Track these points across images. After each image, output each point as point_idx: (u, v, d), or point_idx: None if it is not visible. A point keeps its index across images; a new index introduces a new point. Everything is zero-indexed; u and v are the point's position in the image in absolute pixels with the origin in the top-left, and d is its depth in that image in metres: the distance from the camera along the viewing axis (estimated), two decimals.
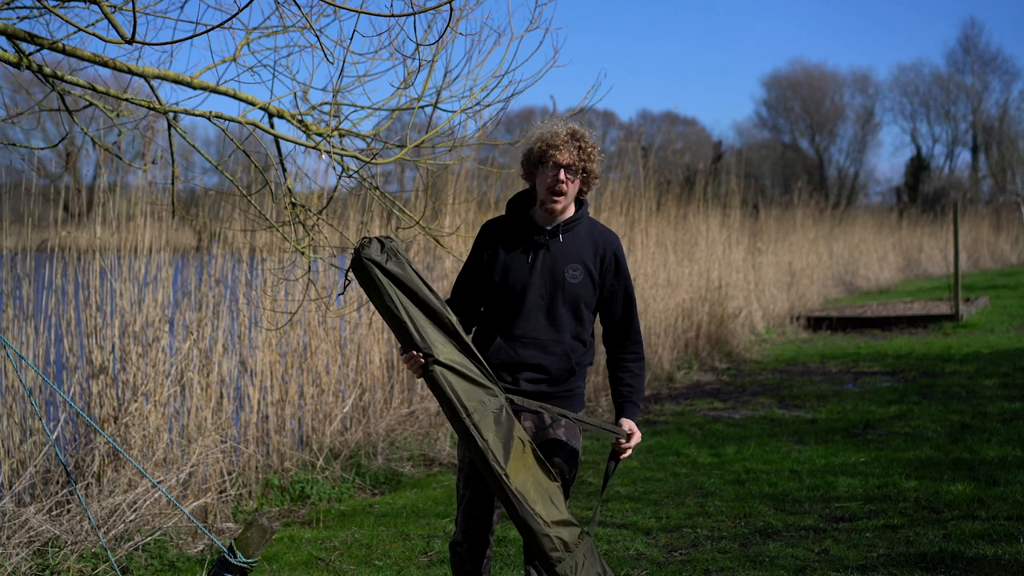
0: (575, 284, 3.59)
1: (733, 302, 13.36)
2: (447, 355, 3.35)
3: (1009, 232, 35.89)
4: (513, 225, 3.66)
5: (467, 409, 3.33)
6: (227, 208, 7.07)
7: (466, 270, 3.72)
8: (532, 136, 3.62)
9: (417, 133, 4.81)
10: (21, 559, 4.75)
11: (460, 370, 3.35)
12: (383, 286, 3.34)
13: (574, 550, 3.41)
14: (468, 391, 3.35)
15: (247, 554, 3.24)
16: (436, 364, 3.32)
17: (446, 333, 3.38)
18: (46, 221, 6.25)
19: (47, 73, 4.12)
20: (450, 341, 3.38)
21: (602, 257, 3.63)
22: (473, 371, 3.38)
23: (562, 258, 3.59)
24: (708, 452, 7.33)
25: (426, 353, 3.33)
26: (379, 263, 3.35)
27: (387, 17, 3.77)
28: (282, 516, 6.20)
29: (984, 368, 10.50)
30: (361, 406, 7.58)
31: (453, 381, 3.33)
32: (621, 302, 3.67)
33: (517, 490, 3.34)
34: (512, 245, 3.63)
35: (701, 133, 51.26)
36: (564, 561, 3.39)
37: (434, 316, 3.37)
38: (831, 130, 54.10)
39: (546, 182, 3.56)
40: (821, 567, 4.71)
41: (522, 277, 3.59)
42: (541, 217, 3.63)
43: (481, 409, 3.35)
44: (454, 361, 3.35)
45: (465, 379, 3.35)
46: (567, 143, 3.53)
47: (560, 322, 3.60)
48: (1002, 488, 5.84)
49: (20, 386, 5.53)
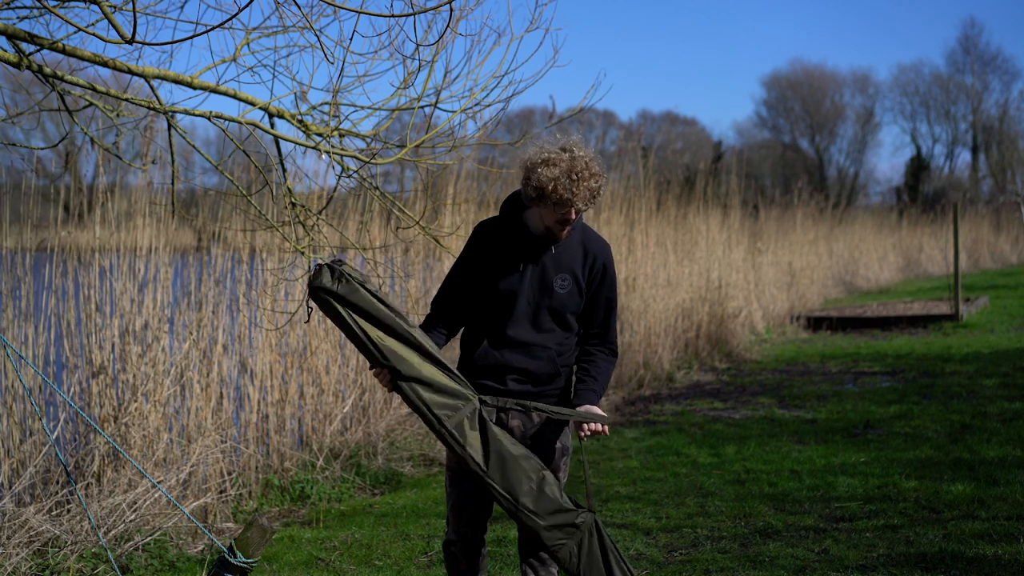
0: (563, 294, 3.61)
1: (733, 302, 13.36)
2: (409, 369, 3.41)
3: (1009, 232, 35.88)
4: (507, 229, 3.65)
5: (438, 419, 3.40)
6: (227, 208, 7.07)
7: (457, 269, 3.72)
8: (540, 162, 3.45)
9: (417, 133, 4.81)
10: (21, 559, 4.75)
11: (427, 380, 3.42)
12: (338, 310, 3.41)
13: (573, 534, 3.46)
14: (437, 401, 3.42)
15: (247, 554, 3.24)
16: (401, 380, 3.40)
17: (409, 346, 3.43)
18: (46, 221, 6.25)
19: (47, 73, 4.12)
20: (414, 352, 3.43)
21: (591, 267, 3.65)
22: (440, 380, 3.43)
23: (552, 268, 3.61)
24: (708, 452, 7.33)
25: (390, 368, 3.40)
26: (329, 290, 3.41)
27: (387, 17, 3.77)
28: (282, 516, 6.20)
29: (984, 368, 10.50)
30: (361, 406, 7.58)
31: (421, 392, 3.41)
32: (603, 308, 3.69)
33: (504, 490, 3.41)
34: (504, 251, 3.63)
35: (701, 133, 51.31)
36: (565, 546, 3.45)
37: (392, 332, 3.41)
38: (831, 130, 54.12)
39: (554, 217, 3.50)
40: (821, 567, 4.71)
41: (512, 284, 3.60)
42: (535, 225, 3.61)
43: (454, 416, 3.41)
44: (420, 374, 3.42)
45: (433, 389, 3.42)
46: (583, 188, 3.41)
47: (546, 328, 3.62)
48: (1002, 488, 5.84)
49: (20, 386, 5.52)
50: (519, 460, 3.44)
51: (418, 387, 3.40)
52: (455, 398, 3.43)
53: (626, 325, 10.52)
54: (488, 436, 3.42)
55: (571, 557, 3.46)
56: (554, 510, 3.43)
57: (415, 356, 3.43)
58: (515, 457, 3.43)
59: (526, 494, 3.41)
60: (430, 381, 3.41)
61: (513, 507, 3.41)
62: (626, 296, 10.69)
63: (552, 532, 3.43)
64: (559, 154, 3.44)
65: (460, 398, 3.44)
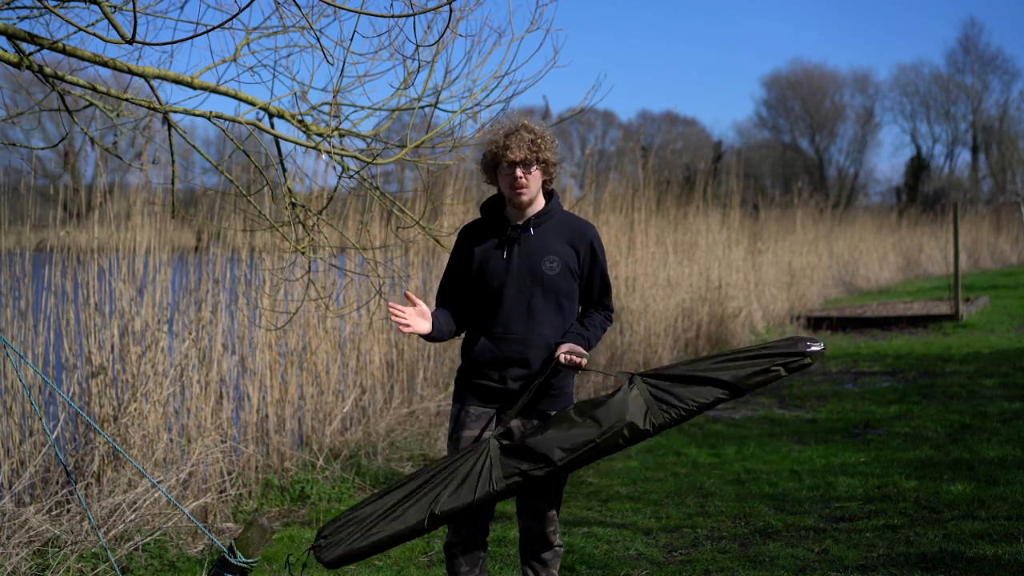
0: (553, 276, 3.64)
1: (733, 302, 13.36)
2: (430, 507, 3.44)
3: (1009, 232, 35.86)
4: (488, 225, 3.74)
5: (493, 491, 3.44)
6: (227, 208, 7.07)
7: (447, 275, 3.81)
8: (484, 141, 3.74)
9: (417, 133, 4.81)
10: (21, 559, 4.75)
11: (447, 496, 3.44)
12: (361, 548, 3.44)
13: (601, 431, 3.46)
14: (466, 491, 3.45)
15: (247, 554, 3.24)
16: (439, 513, 3.42)
17: (410, 502, 3.45)
18: (45, 221, 6.25)
19: (47, 73, 4.12)
20: (414, 501, 3.45)
21: (579, 248, 3.70)
22: (448, 482, 3.46)
23: (537, 251, 3.65)
24: (708, 452, 7.33)
25: (430, 522, 3.44)
26: (338, 556, 3.43)
27: (387, 18, 3.77)
28: (282, 516, 6.20)
29: (984, 368, 10.50)
30: (361, 406, 7.58)
31: (455, 501, 3.44)
32: (598, 287, 3.77)
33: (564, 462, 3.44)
34: (487, 244, 3.70)
35: (701, 133, 51.28)
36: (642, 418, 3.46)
37: (391, 513, 3.45)
38: (831, 130, 54.09)
39: (506, 181, 3.65)
40: (821, 567, 4.71)
41: (499, 274, 3.65)
42: (512, 214, 3.71)
43: (484, 484, 3.44)
44: (438, 501, 3.44)
45: (455, 491, 3.44)
46: (516, 140, 3.60)
47: (541, 316, 3.64)
48: (1002, 488, 5.84)
49: (20, 386, 5.52)
50: (541, 443, 3.46)
51: (450, 501, 3.43)
52: (467, 476, 3.45)
53: (626, 325, 10.52)
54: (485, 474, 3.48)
55: (648, 418, 3.45)
56: (568, 447, 3.43)
57: (418, 502, 3.45)
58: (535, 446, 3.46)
59: (567, 444, 3.42)
60: (450, 492, 3.44)
61: (576, 457, 3.43)
62: (626, 296, 10.69)
63: (612, 435, 3.43)
64: (500, 126, 3.70)
65: (470, 476, 3.45)
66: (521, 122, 3.67)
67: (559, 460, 3.41)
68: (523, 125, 3.65)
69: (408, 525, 3.41)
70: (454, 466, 3.46)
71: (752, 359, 3.49)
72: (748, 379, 3.47)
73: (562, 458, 3.41)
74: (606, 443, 3.43)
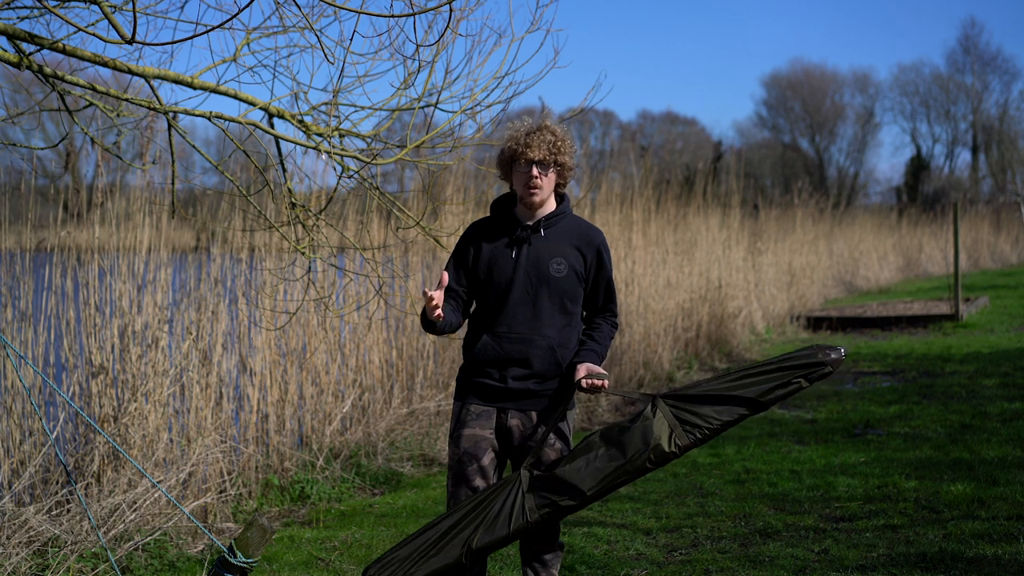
0: (560, 278, 3.65)
1: (733, 302, 13.36)
2: (466, 542, 3.48)
3: (1009, 232, 35.86)
4: (497, 224, 3.74)
5: (526, 521, 3.47)
6: (227, 208, 7.07)
7: (450, 267, 3.78)
8: (504, 137, 3.75)
9: (417, 133, 4.81)
10: (21, 559, 4.75)
11: (486, 544, 3.48)
12: None
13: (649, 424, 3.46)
14: (501, 524, 3.48)
15: (247, 554, 3.24)
16: (478, 548, 3.47)
17: (446, 543, 3.49)
18: (45, 221, 6.25)
19: (47, 73, 4.12)
20: (453, 541, 3.50)
21: (586, 253, 3.71)
22: (488, 531, 3.48)
23: (546, 252, 3.66)
24: (708, 452, 7.33)
25: (471, 557, 3.48)
26: None
27: (387, 18, 3.77)
28: (282, 516, 6.20)
29: (984, 368, 10.50)
30: (361, 406, 7.58)
31: (490, 537, 3.48)
32: (603, 292, 3.78)
33: (590, 495, 3.47)
34: (497, 242, 3.70)
35: (701, 133, 51.34)
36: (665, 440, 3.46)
37: (430, 551, 3.50)
38: (831, 130, 54.10)
39: (521, 179, 3.65)
40: (821, 567, 4.71)
41: (506, 273, 3.65)
42: (523, 214, 3.71)
43: (519, 518, 3.48)
44: (472, 541, 3.48)
45: (488, 527, 3.48)
46: (537, 139, 3.62)
47: (545, 317, 3.65)
48: (1002, 488, 5.84)
49: (20, 385, 5.52)
50: (563, 477, 3.48)
51: (486, 536, 3.46)
52: (500, 511, 3.48)
53: (626, 325, 10.51)
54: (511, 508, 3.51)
55: (673, 440, 3.44)
56: (595, 475, 3.44)
57: (455, 539, 3.49)
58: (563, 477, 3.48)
59: (597, 476, 3.44)
60: (485, 527, 3.47)
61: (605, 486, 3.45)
62: (626, 296, 10.69)
63: (640, 460, 3.43)
64: (522, 125, 3.71)
65: (503, 511, 3.47)
66: (544, 123, 3.68)
67: (589, 491, 3.44)
68: (546, 126, 3.66)
69: (446, 563, 3.46)
70: (488, 502, 3.50)
71: (772, 373, 3.47)
72: (769, 393, 3.46)
73: (591, 488, 3.44)
74: (634, 468, 3.44)
